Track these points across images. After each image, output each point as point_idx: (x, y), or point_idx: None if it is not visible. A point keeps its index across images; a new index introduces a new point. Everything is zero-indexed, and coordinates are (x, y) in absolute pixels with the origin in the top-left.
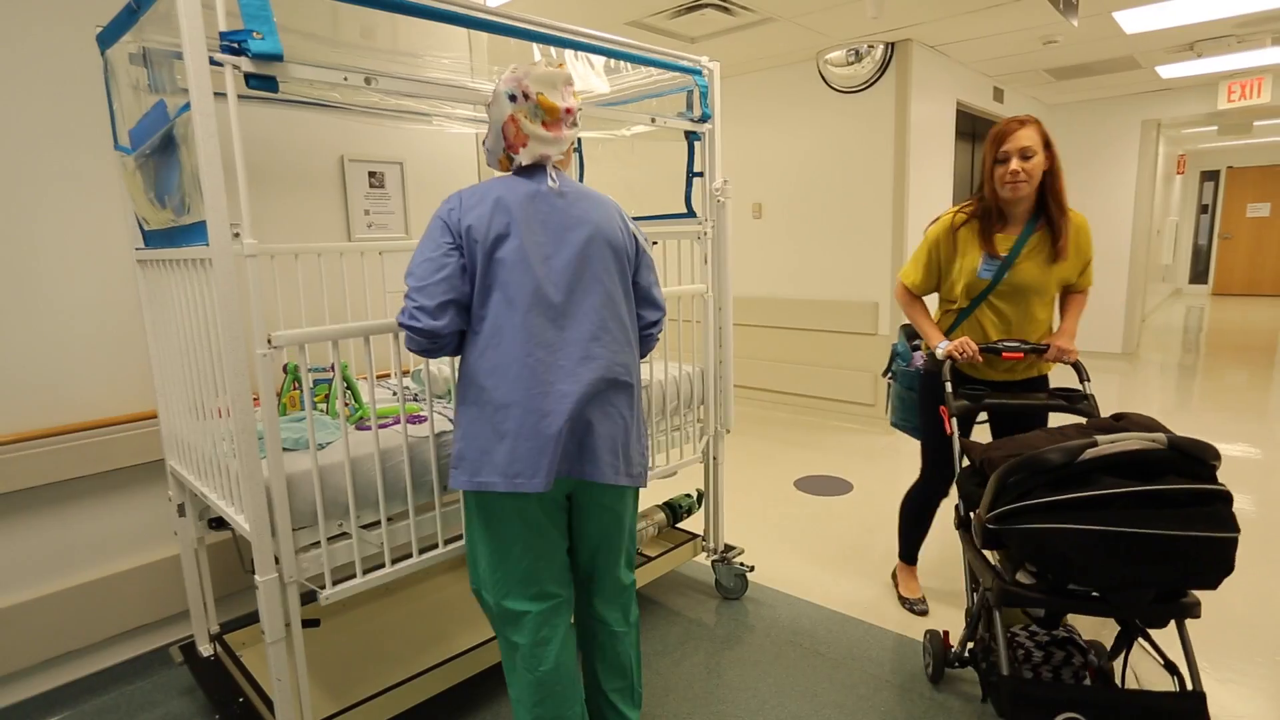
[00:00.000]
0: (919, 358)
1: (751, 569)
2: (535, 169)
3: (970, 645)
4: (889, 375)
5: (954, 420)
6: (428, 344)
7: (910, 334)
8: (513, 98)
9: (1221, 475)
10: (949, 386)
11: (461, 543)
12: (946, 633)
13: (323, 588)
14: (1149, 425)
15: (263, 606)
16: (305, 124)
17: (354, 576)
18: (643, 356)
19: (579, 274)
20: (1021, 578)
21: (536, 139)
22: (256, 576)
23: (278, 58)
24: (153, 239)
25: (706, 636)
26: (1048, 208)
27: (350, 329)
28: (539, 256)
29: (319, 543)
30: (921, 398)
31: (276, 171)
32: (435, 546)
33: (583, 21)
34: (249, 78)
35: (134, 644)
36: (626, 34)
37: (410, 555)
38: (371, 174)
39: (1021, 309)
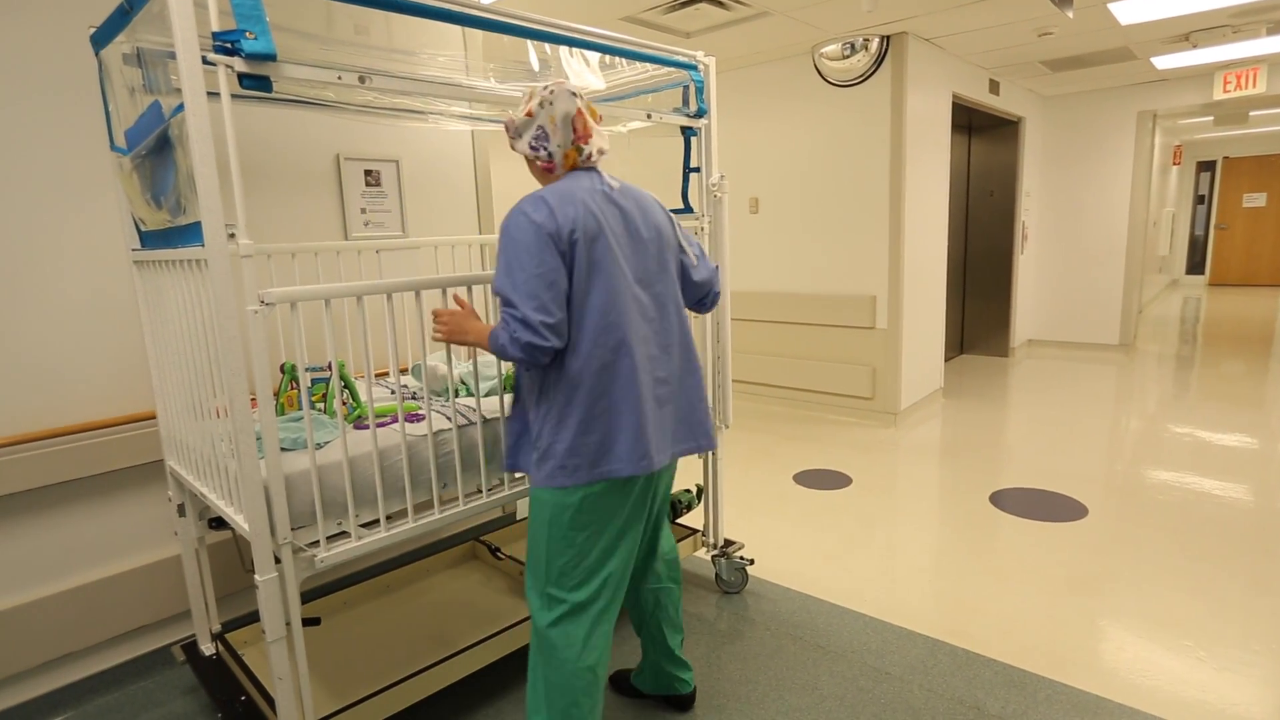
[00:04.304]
0: None
1: (751, 563)
2: (590, 170)
3: None
4: None
5: None
6: (549, 359)
7: None
8: (573, 94)
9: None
10: None
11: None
12: None
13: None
14: None
15: (263, 605)
16: (300, 123)
17: (352, 577)
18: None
19: (655, 268)
20: None
21: (597, 133)
22: (256, 576)
23: (271, 58)
24: (149, 240)
25: (707, 631)
26: None
27: (340, 288)
28: (624, 254)
29: (318, 541)
30: None
31: (272, 171)
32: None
33: (577, 18)
34: (243, 78)
35: (136, 644)
36: (621, 29)
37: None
38: (368, 172)
39: None
